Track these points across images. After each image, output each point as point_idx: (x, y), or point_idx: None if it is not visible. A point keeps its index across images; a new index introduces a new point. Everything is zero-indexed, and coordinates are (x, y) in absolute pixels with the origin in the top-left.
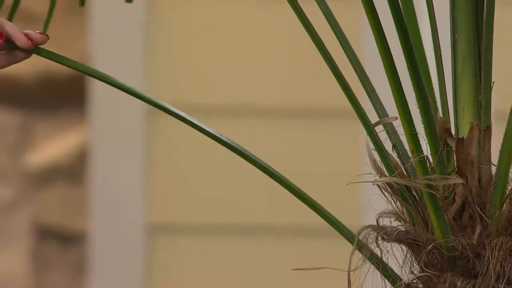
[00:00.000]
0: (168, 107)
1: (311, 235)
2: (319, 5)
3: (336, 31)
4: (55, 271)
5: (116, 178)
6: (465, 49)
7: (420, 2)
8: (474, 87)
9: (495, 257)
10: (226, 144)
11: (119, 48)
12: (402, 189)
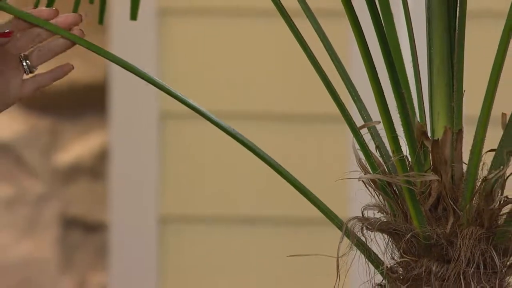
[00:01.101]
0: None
1: (305, 225)
2: (311, 23)
3: (326, 45)
4: (79, 255)
5: (133, 174)
6: (439, 62)
7: (400, 20)
8: (447, 95)
9: (466, 244)
10: (238, 138)
11: (135, 60)
12: (384, 184)
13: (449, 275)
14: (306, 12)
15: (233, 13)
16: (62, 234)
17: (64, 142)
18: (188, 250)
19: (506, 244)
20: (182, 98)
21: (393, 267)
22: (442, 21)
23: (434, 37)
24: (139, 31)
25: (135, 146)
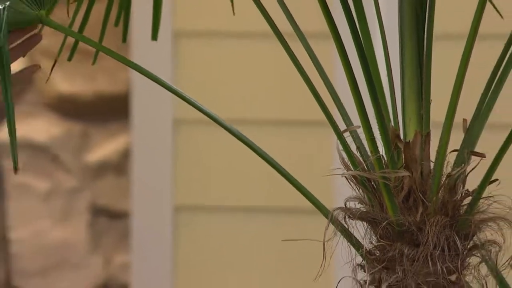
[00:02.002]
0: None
1: (297, 214)
2: (302, 43)
3: (314, 62)
4: (106, 239)
5: (151, 171)
6: (410, 75)
7: (377, 40)
8: (417, 104)
9: (433, 231)
10: (242, 140)
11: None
12: (363, 180)
13: (419, 256)
14: (298, 35)
15: (238, 36)
16: (91, 221)
17: (93, 143)
18: (198, 235)
19: (467, 230)
20: (195, 103)
21: (371, 250)
22: (412, 41)
23: (406, 55)
24: (157, 49)
25: (153, 147)
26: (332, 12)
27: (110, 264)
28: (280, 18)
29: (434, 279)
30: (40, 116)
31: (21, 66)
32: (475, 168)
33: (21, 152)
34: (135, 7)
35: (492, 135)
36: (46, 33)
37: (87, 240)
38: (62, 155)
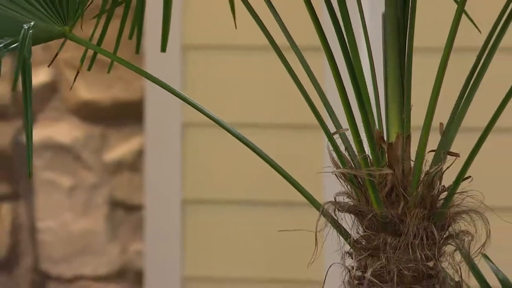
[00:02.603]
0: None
1: (292, 207)
2: (297, 56)
3: (308, 72)
4: (122, 229)
5: (162, 168)
6: (393, 83)
7: (363, 52)
8: (399, 109)
9: (413, 222)
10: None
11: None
12: (351, 177)
13: (400, 245)
14: (293, 48)
15: (240, 49)
16: (109, 213)
17: (111, 144)
18: (203, 225)
19: (443, 222)
20: (201, 108)
21: (358, 239)
22: (394, 53)
23: (389, 65)
24: (167, 60)
25: (164, 147)
26: (323, 28)
27: (126, 252)
28: (277, 33)
29: (414, 265)
30: (64, 120)
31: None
32: (450, 167)
33: (47, 152)
34: (148, 22)
35: (465, 137)
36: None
37: (105, 230)
38: (83, 154)
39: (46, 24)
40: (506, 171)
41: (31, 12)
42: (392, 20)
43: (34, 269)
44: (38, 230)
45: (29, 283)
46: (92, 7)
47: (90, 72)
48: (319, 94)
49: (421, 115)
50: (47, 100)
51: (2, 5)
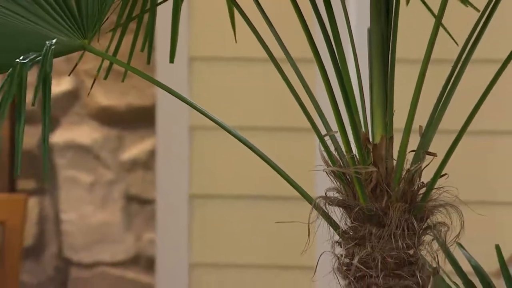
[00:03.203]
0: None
1: (288, 201)
2: (292, 67)
3: (301, 81)
4: (136, 220)
5: (171, 167)
6: (377, 91)
7: (351, 63)
8: (383, 113)
9: (395, 215)
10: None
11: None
12: (340, 174)
13: (384, 235)
14: (289, 60)
15: (241, 60)
16: (125, 206)
17: (126, 145)
18: (208, 217)
19: (422, 214)
20: (206, 113)
21: (346, 230)
22: (379, 63)
23: (374, 74)
24: (176, 70)
25: (173, 148)
26: (315, 42)
27: (140, 240)
28: (275, 46)
29: (396, 253)
30: (85, 124)
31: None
32: (429, 165)
33: (70, 152)
34: (158, 36)
35: (442, 139)
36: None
37: (121, 222)
38: (102, 154)
39: (67, 38)
40: (478, 169)
41: (54, 26)
42: (377, 34)
43: (58, 256)
44: (61, 221)
45: (54, 269)
46: (108, 22)
47: (107, 81)
48: (311, 100)
49: (402, 119)
50: (69, 106)
51: (30, 20)
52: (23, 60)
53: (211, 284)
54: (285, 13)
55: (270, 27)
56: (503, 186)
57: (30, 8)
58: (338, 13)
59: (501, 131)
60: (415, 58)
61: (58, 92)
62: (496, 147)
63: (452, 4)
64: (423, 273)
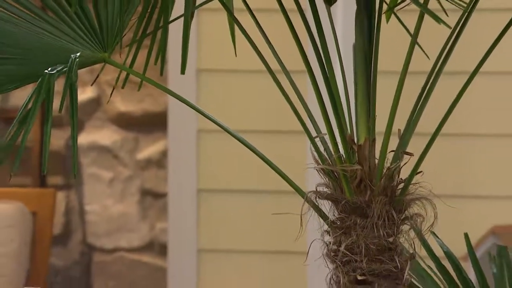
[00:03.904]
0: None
1: (284, 195)
2: (287, 78)
3: (295, 90)
4: (151, 211)
5: (181, 165)
6: (361, 99)
7: (338, 75)
8: (366, 118)
9: (377, 207)
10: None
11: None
12: (329, 171)
13: (367, 225)
14: (284, 72)
15: (243, 72)
16: (140, 199)
17: (142, 146)
18: (213, 208)
19: (400, 207)
20: (212, 118)
21: (334, 221)
22: (363, 75)
23: (358, 85)
24: (186, 81)
25: (183, 148)
26: (308, 56)
27: (153, 229)
28: (272, 60)
29: (377, 240)
30: (106, 127)
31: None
32: (406, 163)
33: (93, 152)
34: (169, 51)
35: (418, 140)
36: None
37: (137, 213)
38: (120, 154)
39: (90, 52)
40: (449, 167)
41: (79, 41)
42: (361, 49)
43: (83, 242)
44: (85, 212)
45: (79, 253)
46: (126, 38)
47: (125, 90)
48: (303, 106)
49: (383, 123)
50: (92, 112)
51: (57, 36)
52: (51, 71)
53: (216, 267)
54: (281, 31)
55: (268, 43)
56: (470, 181)
57: (58, 26)
58: (327, 31)
59: (469, 134)
60: (394, 70)
61: (83, 99)
62: (465, 147)
63: (427, 20)
64: (401, 258)
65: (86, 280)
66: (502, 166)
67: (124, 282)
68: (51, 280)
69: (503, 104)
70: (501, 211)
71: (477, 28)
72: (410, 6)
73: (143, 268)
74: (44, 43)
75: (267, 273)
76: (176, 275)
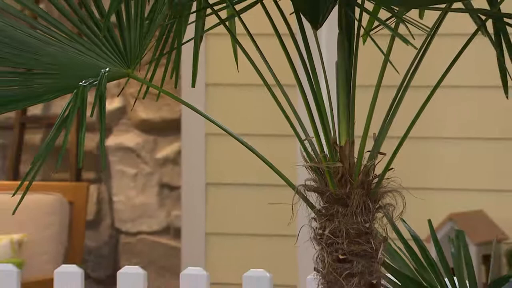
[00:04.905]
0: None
1: (278, 188)
2: (281, 90)
3: (287, 101)
4: (167, 201)
5: (193, 162)
6: (343, 107)
7: (323, 87)
8: (347, 124)
9: (356, 198)
10: (245, 145)
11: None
12: (315, 168)
13: (347, 213)
14: (278, 85)
15: (244, 85)
16: (159, 191)
17: (160, 147)
18: (220, 199)
19: (375, 198)
20: (218, 123)
21: (319, 209)
22: (344, 88)
23: (340, 96)
24: (196, 93)
25: (194, 149)
26: (298, 72)
27: (169, 216)
28: (268, 75)
29: (356, 226)
30: (130, 131)
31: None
32: (380, 162)
33: (119, 152)
34: (182, 68)
35: (390, 142)
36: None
37: (156, 202)
38: (142, 153)
39: (117, 68)
40: (415, 164)
41: (107, 60)
42: (342, 66)
43: (111, 227)
44: (113, 202)
45: (108, 236)
46: (146, 57)
47: (146, 100)
48: (294, 114)
49: (361, 128)
50: (119, 119)
51: (90, 55)
52: (84, 84)
53: (221, 248)
54: (276, 51)
55: (264, 61)
56: (432, 176)
57: (90, 47)
58: (314, 51)
59: (432, 137)
60: (370, 84)
61: (111, 108)
62: (428, 148)
63: (397, 42)
64: (376, 240)
65: (114, 258)
66: (458, 164)
67: (145, 259)
68: (85, 258)
69: (459, 113)
70: (456, 201)
71: (438, 49)
72: (383, 30)
73: (160, 248)
74: (79, 61)
75: (263, 252)
76: (188, 254)
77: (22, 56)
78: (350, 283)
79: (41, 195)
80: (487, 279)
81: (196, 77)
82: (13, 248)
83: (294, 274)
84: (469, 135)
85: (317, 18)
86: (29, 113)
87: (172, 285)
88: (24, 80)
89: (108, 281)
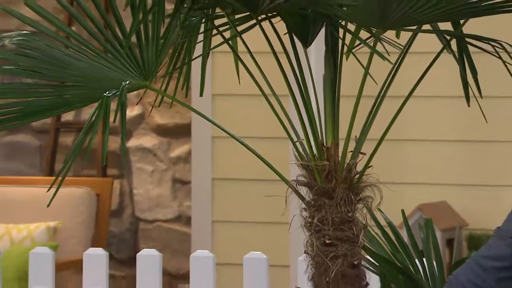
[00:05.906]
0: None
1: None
2: (276, 99)
3: (281, 108)
4: (179, 193)
5: (201, 161)
6: (329, 114)
7: (312, 96)
8: (332, 128)
9: (340, 191)
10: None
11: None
12: (306, 166)
13: (333, 204)
14: (274, 95)
15: (244, 96)
16: (173, 185)
17: (173, 148)
18: (224, 192)
19: (357, 191)
20: (222, 128)
21: (309, 201)
22: (330, 97)
23: (327, 104)
24: (204, 101)
25: (202, 149)
26: (290, 82)
27: (182, 206)
28: (265, 86)
29: (340, 215)
30: (148, 135)
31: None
32: (361, 160)
33: (139, 152)
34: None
35: (369, 144)
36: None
37: (170, 194)
38: (158, 153)
39: (136, 80)
40: (390, 162)
41: (127, 73)
42: (328, 79)
43: (132, 215)
44: (134, 194)
45: (129, 223)
46: (161, 72)
47: (161, 108)
48: (287, 120)
49: (344, 131)
50: (138, 124)
51: (112, 69)
52: (108, 94)
53: (226, 234)
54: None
55: (262, 74)
56: (404, 173)
57: (113, 62)
58: (304, 66)
59: (404, 139)
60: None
61: (131, 115)
62: (402, 149)
63: (375, 58)
64: (357, 227)
65: (134, 242)
66: (426, 162)
67: (160, 243)
68: (110, 241)
69: (428, 119)
70: (424, 193)
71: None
72: (363, 48)
73: (174, 234)
74: (104, 74)
75: (261, 237)
76: (197, 239)
77: (56, 70)
78: (335, 263)
79: (72, 188)
80: (450, 260)
81: (203, 88)
82: (49, 234)
83: (287, 256)
84: (436, 138)
85: (307, 38)
86: (62, 119)
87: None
88: (58, 91)
89: (129, 262)
